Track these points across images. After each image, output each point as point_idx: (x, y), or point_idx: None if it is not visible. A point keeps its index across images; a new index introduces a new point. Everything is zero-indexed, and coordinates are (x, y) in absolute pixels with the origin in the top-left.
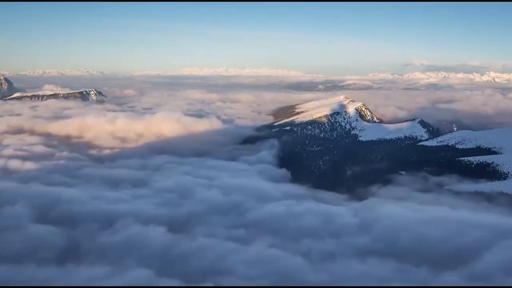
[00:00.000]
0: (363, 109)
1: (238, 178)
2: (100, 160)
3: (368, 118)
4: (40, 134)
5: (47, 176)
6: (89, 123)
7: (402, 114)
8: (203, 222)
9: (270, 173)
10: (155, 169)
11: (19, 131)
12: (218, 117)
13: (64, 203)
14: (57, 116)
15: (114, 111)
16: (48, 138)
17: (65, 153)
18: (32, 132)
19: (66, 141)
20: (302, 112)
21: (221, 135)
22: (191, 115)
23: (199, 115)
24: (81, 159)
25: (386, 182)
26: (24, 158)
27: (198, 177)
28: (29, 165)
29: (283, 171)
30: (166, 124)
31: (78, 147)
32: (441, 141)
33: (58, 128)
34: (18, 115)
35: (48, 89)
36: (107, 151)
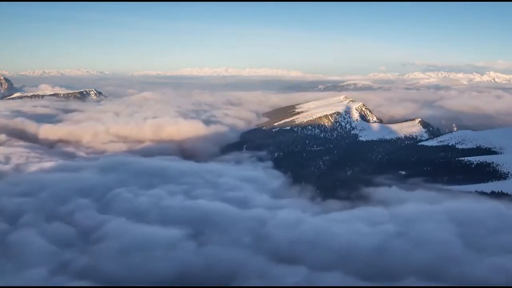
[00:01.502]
0: (363, 109)
1: (245, 183)
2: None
3: (368, 118)
4: (39, 135)
5: (47, 177)
6: (88, 124)
7: (402, 114)
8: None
9: (271, 174)
10: (157, 172)
11: (18, 131)
12: (219, 118)
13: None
14: (57, 117)
15: (113, 111)
16: (47, 139)
17: (62, 154)
18: (31, 133)
19: (64, 142)
20: (302, 112)
21: (221, 136)
22: (191, 117)
23: (199, 116)
24: (80, 160)
25: (386, 182)
26: (23, 159)
27: (201, 181)
28: (28, 167)
29: (284, 171)
30: (166, 126)
31: (77, 148)
32: (441, 141)
33: (57, 129)
34: (18, 115)
35: (44, 89)
36: (107, 152)
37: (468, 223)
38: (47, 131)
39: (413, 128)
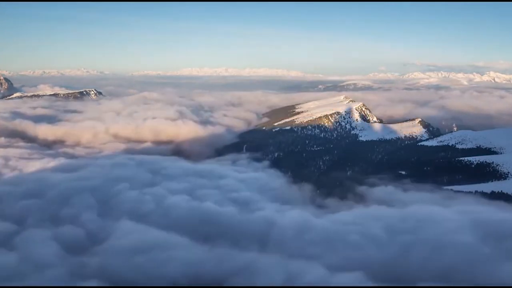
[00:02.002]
0: (363, 109)
1: (246, 183)
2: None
3: (368, 118)
4: (39, 135)
5: (48, 178)
6: (88, 124)
7: (402, 114)
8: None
9: (272, 174)
10: (158, 172)
11: (18, 132)
12: (218, 119)
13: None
14: (57, 117)
15: (113, 111)
16: (47, 139)
17: (62, 154)
18: (31, 133)
19: (64, 143)
20: (302, 112)
21: (220, 137)
22: (191, 117)
23: (199, 116)
24: (81, 160)
25: (386, 182)
26: (23, 160)
27: (203, 181)
28: (29, 167)
29: (284, 171)
30: (165, 127)
31: (77, 148)
32: (441, 141)
33: (57, 129)
34: (18, 116)
35: (43, 89)
36: (107, 153)
37: (483, 225)
38: (47, 132)
39: (413, 128)
